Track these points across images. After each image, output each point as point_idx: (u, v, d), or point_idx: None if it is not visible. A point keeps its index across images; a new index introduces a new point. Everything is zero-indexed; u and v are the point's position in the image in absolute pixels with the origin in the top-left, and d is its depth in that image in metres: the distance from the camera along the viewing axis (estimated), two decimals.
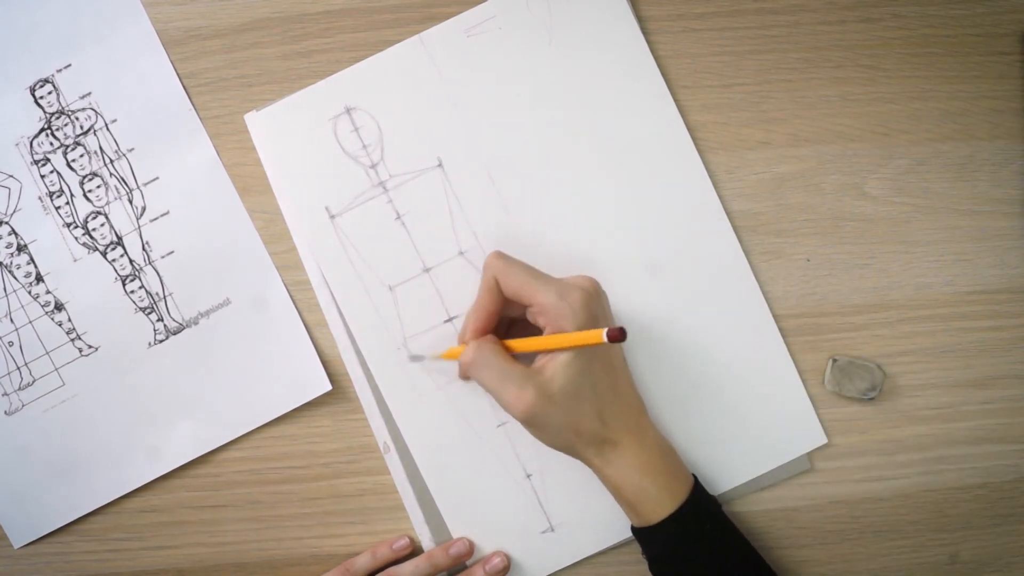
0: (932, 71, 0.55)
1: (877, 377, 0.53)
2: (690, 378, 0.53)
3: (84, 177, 0.54)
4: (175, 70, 0.54)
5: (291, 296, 0.54)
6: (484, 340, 0.49)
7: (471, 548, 0.53)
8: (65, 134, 0.54)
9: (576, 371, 0.46)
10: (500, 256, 0.49)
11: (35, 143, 0.54)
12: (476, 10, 0.54)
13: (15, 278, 0.54)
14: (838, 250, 0.55)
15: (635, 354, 0.53)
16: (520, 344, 0.49)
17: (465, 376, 0.52)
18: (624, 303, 0.53)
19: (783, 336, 0.54)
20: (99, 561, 0.55)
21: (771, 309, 0.54)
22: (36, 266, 0.54)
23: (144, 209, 0.54)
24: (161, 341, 0.54)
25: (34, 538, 0.54)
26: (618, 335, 0.44)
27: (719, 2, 0.55)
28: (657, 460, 0.49)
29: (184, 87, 0.54)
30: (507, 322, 0.52)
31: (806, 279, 0.55)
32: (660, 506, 0.48)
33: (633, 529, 0.50)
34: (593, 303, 0.47)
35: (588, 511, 0.53)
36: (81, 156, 0.54)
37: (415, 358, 0.53)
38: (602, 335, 0.44)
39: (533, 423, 0.48)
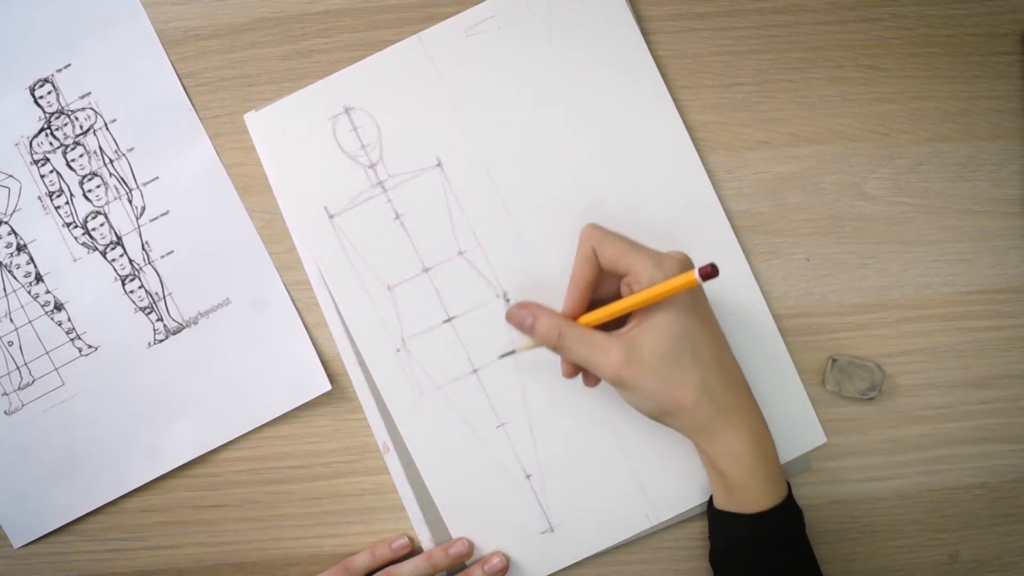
0: (932, 71, 0.55)
1: (877, 377, 0.53)
2: None
3: (84, 177, 0.54)
4: (175, 70, 0.54)
5: (290, 296, 0.54)
6: (564, 323, 0.47)
7: (470, 548, 0.53)
8: (65, 134, 0.54)
9: (668, 332, 0.45)
10: (596, 227, 0.47)
11: (35, 143, 0.54)
12: (475, 10, 0.54)
13: (15, 278, 0.54)
14: (838, 250, 0.55)
15: None
16: (600, 313, 0.46)
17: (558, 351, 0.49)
18: None
19: (783, 336, 0.54)
20: (99, 561, 0.55)
21: (771, 309, 0.54)
22: (36, 266, 0.54)
23: (144, 209, 0.54)
24: (161, 341, 0.54)
25: (34, 538, 0.54)
26: (710, 271, 0.39)
27: (719, 2, 0.55)
28: (769, 446, 0.47)
29: (184, 87, 0.54)
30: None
31: (806, 279, 0.55)
32: (762, 496, 0.46)
33: (713, 511, 0.49)
34: None
35: (588, 511, 0.53)
36: (81, 156, 0.54)
37: (505, 355, 0.53)
38: (694, 275, 0.40)
39: (623, 385, 0.46)
